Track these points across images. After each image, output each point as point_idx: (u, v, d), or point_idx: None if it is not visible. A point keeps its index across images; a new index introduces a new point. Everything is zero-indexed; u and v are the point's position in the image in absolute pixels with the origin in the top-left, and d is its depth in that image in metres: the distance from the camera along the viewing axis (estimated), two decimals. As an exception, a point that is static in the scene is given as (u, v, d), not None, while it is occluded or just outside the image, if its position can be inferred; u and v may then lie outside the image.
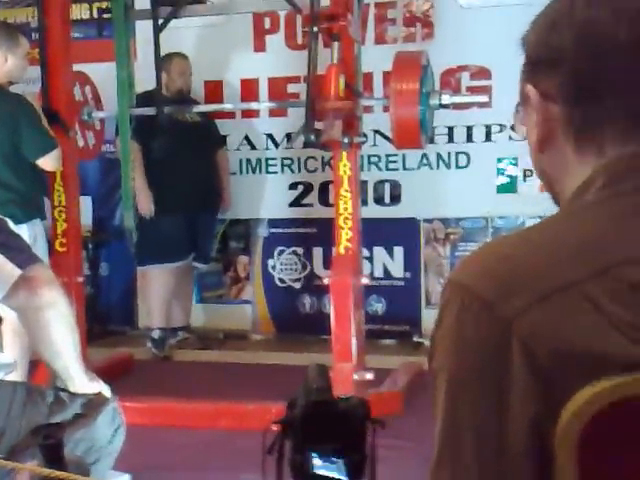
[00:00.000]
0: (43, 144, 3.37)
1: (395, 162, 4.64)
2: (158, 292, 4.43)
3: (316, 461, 1.20)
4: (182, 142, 4.27)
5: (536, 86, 0.83)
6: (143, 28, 4.04)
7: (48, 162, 3.40)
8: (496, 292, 0.73)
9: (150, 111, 3.75)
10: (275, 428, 1.24)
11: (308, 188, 4.76)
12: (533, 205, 4.20)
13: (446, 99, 3.31)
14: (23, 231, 3.13)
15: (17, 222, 3.15)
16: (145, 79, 3.85)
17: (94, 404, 1.78)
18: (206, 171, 4.49)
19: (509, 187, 4.50)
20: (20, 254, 1.67)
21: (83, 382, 1.78)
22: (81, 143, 3.83)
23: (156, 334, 4.44)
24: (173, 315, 4.53)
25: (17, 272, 1.62)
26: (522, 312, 0.72)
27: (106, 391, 1.84)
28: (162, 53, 3.81)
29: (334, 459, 1.19)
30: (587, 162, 0.80)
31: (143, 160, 4.26)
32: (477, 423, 0.73)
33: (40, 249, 3.30)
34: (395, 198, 4.69)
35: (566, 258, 0.74)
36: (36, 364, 2.97)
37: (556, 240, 0.76)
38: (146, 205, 4.28)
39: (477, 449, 0.73)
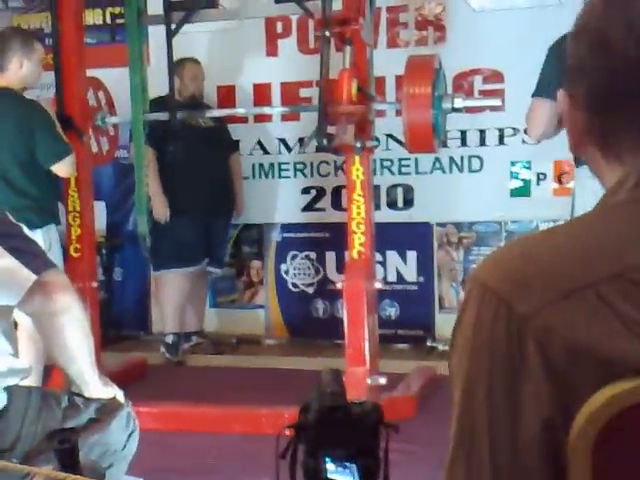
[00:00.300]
0: (57, 150, 3.39)
1: (408, 166, 4.63)
2: (172, 297, 4.44)
3: (329, 466, 1.19)
4: (196, 147, 4.29)
5: (567, 93, 0.84)
6: (156, 33, 4.05)
7: (62, 168, 3.42)
8: (515, 290, 0.74)
9: (163, 116, 3.77)
10: (288, 433, 1.24)
11: (321, 192, 4.76)
12: (547, 209, 4.20)
13: (459, 103, 3.30)
14: (38, 236, 3.14)
15: (32, 227, 3.17)
16: (158, 84, 3.86)
17: (108, 409, 1.79)
18: (220, 176, 4.50)
19: (522, 191, 4.49)
20: (35, 259, 1.68)
21: (97, 387, 1.79)
22: (95, 149, 3.85)
23: (170, 339, 4.45)
24: (187, 320, 4.54)
25: (32, 277, 1.63)
26: (538, 311, 0.72)
27: (120, 396, 1.84)
28: (175, 58, 3.82)
29: (347, 464, 1.19)
30: (613, 168, 0.81)
31: (157, 165, 4.28)
32: (491, 422, 0.74)
33: (55, 254, 3.31)
34: (408, 202, 4.68)
35: (586, 258, 0.74)
36: (51, 369, 2.98)
37: (580, 240, 0.77)
38: (161, 210, 4.30)
39: (491, 449, 0.74)
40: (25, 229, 1.83)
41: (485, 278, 0.76)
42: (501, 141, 4.52)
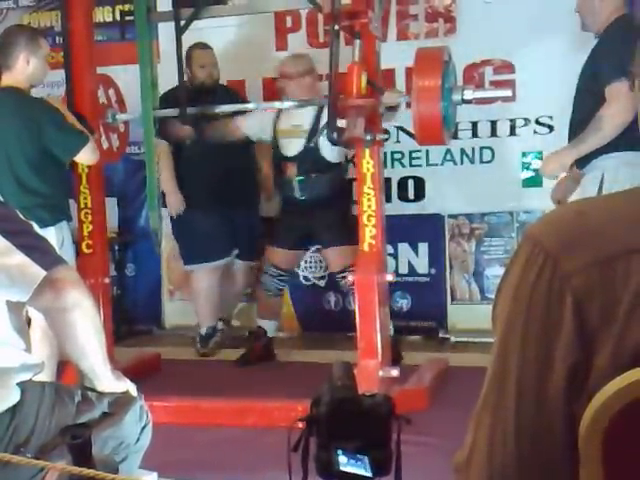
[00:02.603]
0: (75, 141, 3.38)
1: (419, 158, 4.62)
2: (202, 290, 4.45)
3: (341, 458, 1.20)
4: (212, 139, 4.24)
5: None
6: (167, 30, 4.05)
7: (84, 157, 3.41)
8: (563, 248, 0.75)
9: (173, 112, 3.76)
10: (300, 425, 1.25)
11: (332, 186, 4.75)
12: (559, 199, 4.17)
13: (469, 94, 3.28)
14: (51, 234, 3.15)
15: (44, 225, 3.18)
16: (169, 81, 3.86)
17: (121, 403, 1.80)
18: (239, 167, 4.42)
19: (534, 181, 4.47)
20: (45, 255, 1.68)
21: (110, 381, 1.80)
22: (105, 145, 3.86)
23: (203, 331, 4.47)
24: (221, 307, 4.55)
25: (42, 273, 1.64)
26: (582, 270, 0.73)
27: (132, 390, 1.85)
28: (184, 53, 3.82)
29: (359, 456, 1.19)
30: None
31: (172, 159, 4.26)
32: (521, 370, 0.76)
33: (67, 251, 3.33)
34: (419, 194, 4.67)
35: (638, 224, 0.75)
36: (65, 365, 3.00)
37: (636, 207, 0.77)
38: (175, 205, 4.31)
39: (518, 396, 0.76)
40: (36, 227, 1.84)
41: (537, 233, 0.78)
42: (512, 132, 4.50)
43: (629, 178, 3.01)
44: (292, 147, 4.07)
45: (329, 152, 4.03)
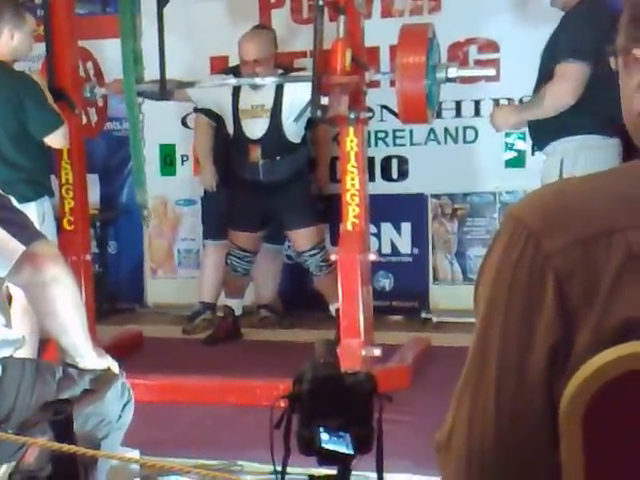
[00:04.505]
0: (49, 122, 3.36)
1: (402, 137, 4.61)
2: (206, 267, 4.46)
3: (323, 435, 1.20)
4: None
5: None
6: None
7: (55, 139, 3.40)
8: (545, 227, 0.75)
9: (154, 87, 3.71)
10: (282, 404, 1.25)
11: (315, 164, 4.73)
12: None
13: (453, 72, 3.27)
14: (32, 210, 3.13)
15: (25, 201, 3.14)
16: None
17: (103, 380, 1.79)
18: None
19: (517, 162, 4.48)
20: (23, 230, 1.67)
21: (91, 358, 1.79)
22: (84, 120, 3.79)
23: (195, 307, 4.47)
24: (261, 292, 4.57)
25: (21, 248, 1.62)
26: (564, 250, 0.74)
27: (114, 367, 1.85)
28: (166, 29, 3.76)
29: (341, 433, 1.19)
30: None
31: (212, 134, 4.27)
32: (502, 349, 0.76)
33: (48, 227, 3.30)
34: (402, 174, 4.67)
35: (621, 204, 0.75)
36: (46, 343, 2.99)
37: (618, 186, 0.77)
38: (208, 180, 4.33)
39: (499, 374, 0.76)
40: (15, 201, 1.82)
41: (519, 213, 0.78)
42: (496, 112, 4.48)
43: (589, 162, 3.04)
44: (255, 129, 4.00)
45: (293, 133, 4.00)
